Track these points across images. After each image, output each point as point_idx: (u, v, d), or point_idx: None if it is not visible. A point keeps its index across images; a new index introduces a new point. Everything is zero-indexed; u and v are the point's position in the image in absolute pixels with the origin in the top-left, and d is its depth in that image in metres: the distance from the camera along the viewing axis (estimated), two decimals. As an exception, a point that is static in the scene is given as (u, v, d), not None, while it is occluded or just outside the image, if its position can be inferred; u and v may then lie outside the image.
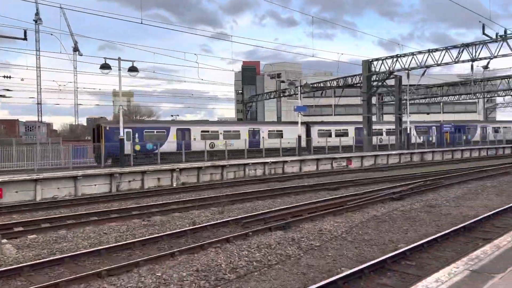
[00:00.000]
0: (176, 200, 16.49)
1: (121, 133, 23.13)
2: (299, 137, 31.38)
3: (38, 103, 57.64)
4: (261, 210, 14.06)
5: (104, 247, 9.47)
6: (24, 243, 10.42)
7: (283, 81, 54.21)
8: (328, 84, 47.33)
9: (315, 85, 49.09)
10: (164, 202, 16.26)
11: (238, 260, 8.62)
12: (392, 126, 41.75)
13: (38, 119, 59.90)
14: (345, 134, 39.82)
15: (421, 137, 45.37)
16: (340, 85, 45.32)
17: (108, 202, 17.06)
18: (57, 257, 8.73)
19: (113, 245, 9.70)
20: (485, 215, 12.11)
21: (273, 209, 13.93)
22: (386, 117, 58.24)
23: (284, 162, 28.17)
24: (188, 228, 11.38)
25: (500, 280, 4.16)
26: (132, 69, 22.38)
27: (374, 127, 41.87)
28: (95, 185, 19.94)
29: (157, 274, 7.66)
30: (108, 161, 25.13)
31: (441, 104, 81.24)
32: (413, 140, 41.80)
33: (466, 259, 4.90)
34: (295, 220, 12.21)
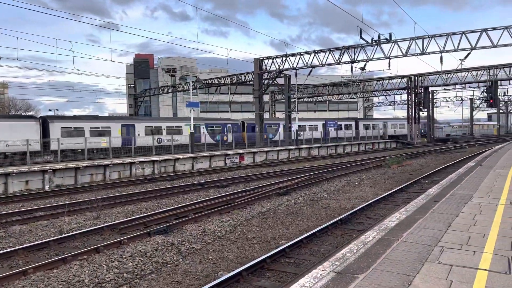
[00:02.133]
0: (45, 206, 14.52)
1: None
2: (192, 133, 30.60)
3: None
4: (143, 213, 13.06)
5: None
6: None
7: (175, 76, 52.68)
8: (223, 81, 47.28)
9: (209, 81, 48.70)
10: (29, 208, 14.20)
11: (106, 273, 7.65)
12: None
13: None
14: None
15: (311, 134, 48.13)
16: (234, 82, 45.59)
17: (-43, 211, 14.31)
18: None
19: None
20: (360, 207, 12.85)
21: (156, 211, 13.04)
22: (278, 114, 60.58)
23: (176, 159, 27.15)
24: (52, 238, 9.94)
25: (362, 281, 4.05)
26: (-8, 55, 19.23)
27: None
28: None
29: (-2, 301, 6.35)
30: None
31: (327, 102, 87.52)
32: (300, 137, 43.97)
33: (333, 259, 4.78)
34: (178, 222, 11.52)
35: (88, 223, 11.97)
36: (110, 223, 11.40)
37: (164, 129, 35.28)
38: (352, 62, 34.58)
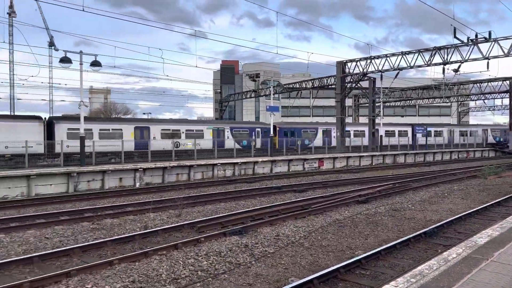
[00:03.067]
0: (133, 202, 15.67)
1: (81, 131, 22.05)
2: (271, 138, 30.87)
3: (10, 99, 55.44)
4: (221, 213, 13.43)
5: (38, 254, 8.66)
6: (-49, 249, 9.47)
7: (258, 81, 53.68)
8: (304, 85, 47.05)
9: (290, 86, 48.78)
10: (120, 203, 15.43)
11: (182, 269, 7.97)
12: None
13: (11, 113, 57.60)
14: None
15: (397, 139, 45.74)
16: (316, 86, 45.10)
17: (62, 203, 16.09)
18: (-21, 266, 7.88)
19: (49, 251, 8.90)
20: (448, 220, 11.83)
21: (233, 212, 13.33)
22: (362, 119, 58.57)
23: (255, 162, 27.60)
24: (138, 232, 10.66)
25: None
26: (95, 63, 21.36)
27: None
28: (51, 185, 18.87)
29: (86, 286, 6.94)
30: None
31: (417, 107, 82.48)
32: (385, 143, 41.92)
33: (409, 276, 4.40)
34: (254, 224, 11.64)
35: (170, 220, 12.63)
36: (190, 221, 11.90)
37: (182, 132, 32.00)
38: (445, 63, 32.13)
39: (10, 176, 17.79)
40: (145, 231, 10.87)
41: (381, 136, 40.68)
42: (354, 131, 43.07)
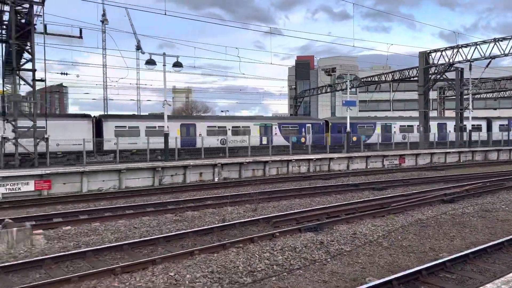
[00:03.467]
0: (212, 196, 16.32)
1: (165, 128, 23.45)
2: (348, 133, 30.11)
3: (104, 99, 60.87)
4: (296, 209, 13.45)
5: (128, 242, 9.42)
6: (56, 234, 10.68)
7: (334, 75, 52.52)
8: (383, 78, 45.11)
9: (368, 79, 47.05)
10: (200, 197, 16.17)
11: (258, 262, 8.14)
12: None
13: (104, 113, 63.24)
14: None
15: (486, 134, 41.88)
16: (396, 78, 42.98)
17: (148, 195, 17.29)
18: (79, 250, 8.78)
19: (137, 240, 9.63)
20: (550, 223, 10.60)
21: (308, 209, 13.26)
22: (448, 113, 54.58)
23: (331, 159, 27.14)
24: (216, 225, 11.09)
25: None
26: (176, 64, 22.57)
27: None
28: (139, 178, 20.38)
29: (170, 274, 7.39)
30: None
31: (513, 98, 74.73)
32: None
33: (500, 282, 4.03)
34: (329, 222, 11.50)
35: (247, 214, 12.95)
36: (265, 216, 12.09)
37: (229, 129, 31.75)
38: (546, 49, 28.70)
39: (104, 170, 19.54)
40: (223, 224, 11.27)
41: (469, 130, 37.58)
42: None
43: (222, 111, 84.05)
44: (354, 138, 33.86)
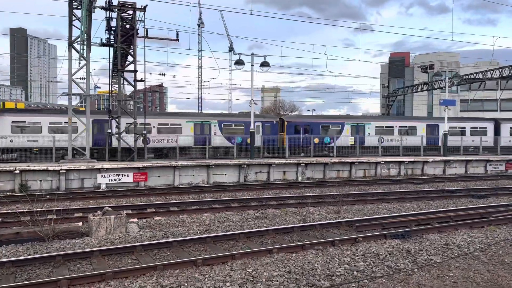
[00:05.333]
0: (294, 195, 16.24)
1: (252, 126, 23.93)
2: (445, 134, 27.79)
3: (199, 98, 64.55)
4: (382, 214, 12.78)
5: (211, 235, 9.76)
6: (148, 224, 11.51)
7: (432, 72, 48.89)
8: (489, 75, 40.76)
9: (472, 76, 42.89)
10: (282, 196, 16.19)
11: (337, 266, 7.87)
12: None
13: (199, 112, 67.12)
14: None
15: None
16: (504, 75, 38.53)
17: (233, 191, 17.82)
18: (167, 240, 9.33)
19: (220, 234, 9.93)
20: None
21: (396, 214, 12.50)
22: None
23: (424, 162, 25.31)
24: (296, 225, 10.99)
25: None
26: (264, 64, 22.90)
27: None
28: (225, 174, 21.09)
29: (247, 270, 7.48)
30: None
31: None
32: None
33: None
34: (418, 229, 10.71)
35: (329, 216, 12.63)
36: (348, 219, 11.68)
37: (153, 126, 26.74)
38: None
39: (195, 165, 20.59)
40: (304, 224, 11.13)
41: None
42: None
43: (309, 110, 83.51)
44: (316, 140, 29.05)
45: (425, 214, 12.49)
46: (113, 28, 23.03)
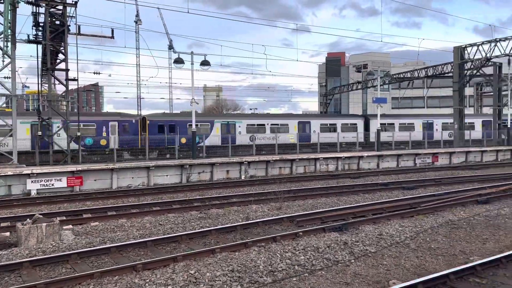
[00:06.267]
0: (238, 194, 16.33)
1: (193, 127, 23.67)
2: (378, 131, 29.40)
3: (138, 98, 62.30)
4: (321, 208, 13.24)
5: (151, 239, 9.53)
6: (84, 230, 10.97)
7: (365, 72, 51.40)
8: (416, 74, 43.72)
9: (401, 75, 45.75)
10: (226, 195, 16.20)
11: (279, 262, 8.03)
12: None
13: (138, 113, 64.77)
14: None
15: None
16: (429, 74, 41.58)
17: (175, 192, 17.51)
18: (104, 246, 8.97)
19: (161, 237, 9.72)
20: None
21: (334, 208, 13.01)
22: (486, 109, 52.43)
23: (360, 157, 26.59)
24: (239, 223, 11.06)
25: None
26: (204, 63, 22.72)
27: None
28: (167, 175, 20.67)
29: (190, 272, 7.40)
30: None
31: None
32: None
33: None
34: (355, 222, 11.23)
35: (271, 213, 12.85)
36: (290, 215, 11.96)
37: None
38: None
39: (134, 167, 19.94)
40: (247, 222, 11.23)
41: (509, 128, 35.88)
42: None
43: (251, 109, 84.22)
44: (183, 140, 27.60)
45: (361, 207, 13.12)
46: (41, 24, 21.61)
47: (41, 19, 21.37)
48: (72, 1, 21.01)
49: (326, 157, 25.36)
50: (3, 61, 19.64)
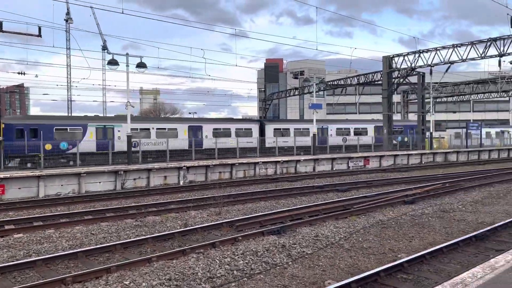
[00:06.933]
0: (176, 200, 15.99)
1: (128, 130, 22.85)
2: (314, 135, 30.43)
3: (68, 100, 58.74)
4: (260, 212, 13.37)
5: (83, 249, 9.01)
6: (6, 243, 10.09)
7: (302, 78, 53.07)
8: (349, 81, 45.97)
9: (335, 82, 47.84)
10: (163, 201, 15.79)
11: (218, 268, 7.96)
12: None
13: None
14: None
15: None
16: (361, 82, 43.92)
17: (109, 200, 16.74)
18: (29, 259, 8.31)
19: (93, 247, 9.22)
20: (502, 222, 11.01)
21: (273, 211, 13.21)
22: (411, 115, 56.33)
23: (297, 161, 27.31)
24: (177, 230, 10.82)
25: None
26: (140, 65, 22.07)
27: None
28: (100, 182, 19.72)
29: (124, 283, 7.09)
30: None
31: (471, 102, 78.22)
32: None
33: (449, 284, 4.05)
34: (292, 224, 11.46)
35: (210, 218, 12.73)
36: (229, 220, 11.93)
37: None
38: (501, 55, 30.14)
39: (63, 174, 18.77)
40: (185, 228, 11.02)
41: (431, 133, 38.88)
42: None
43: (190, 113, 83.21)
44: (48, 147, 24.42)
45: (298, 209, 13.43)
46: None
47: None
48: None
49: (265, 161, 25.72)
50: None
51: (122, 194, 18.13)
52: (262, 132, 34.68)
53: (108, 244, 9.44)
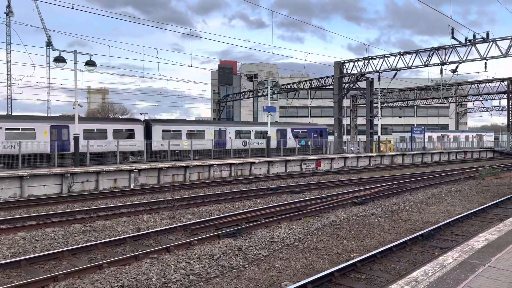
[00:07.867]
0: (127, 203, 15.46)
1: (77, 131, 21.81)
2: (268, 138, 30.70)
3: (8, 98, 54.98)
4: (215, 215, 13.24)
5: (26, 257, 8.45)
6: None
7: (256, 81, 53.48)
8: (302, 85, 46.93)
9: (288, 86, 48.66)
10: (113, 205, 15.21)
11: (173, 273, 7.77)
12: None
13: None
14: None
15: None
16: (313, 86, 45.00)
17: (54, 204, 15.87)
18: (-35, 270, 7.67)
19: (37, 255, 8.68)
20: (445, 222, 11.67)
21: (228, 214, 13.13)
22: (360, 120, 58.50)
23: (252, 163, 27.42)
24: (130, 235, 10.44)
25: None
26: (89, 63, 21.15)
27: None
28: (44, 185, 18.64)
29: (73, 291, 6.73)
30: None
31: (415, 107, 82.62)
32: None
33: (403, 282, 4.22)
34: (248, 227, 11.45)
35: (164, 222, 12.43)
36: (184, 223, 11.70)
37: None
38: (442, 64, 32.10)
39: (2, 177, 17.55)
40: (137, 233, 10.67)
41: (378, 137, 40.57)
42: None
43: (141, 113, 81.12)
44: None
45: (253, 212, 13.46)
46: None
47: None
48: None
49: (219, 163, 25.56)
50: None
51: (69, 198, 17.27)
52: (148, 134, 30.00)
53: (54, 251, 8.93)
